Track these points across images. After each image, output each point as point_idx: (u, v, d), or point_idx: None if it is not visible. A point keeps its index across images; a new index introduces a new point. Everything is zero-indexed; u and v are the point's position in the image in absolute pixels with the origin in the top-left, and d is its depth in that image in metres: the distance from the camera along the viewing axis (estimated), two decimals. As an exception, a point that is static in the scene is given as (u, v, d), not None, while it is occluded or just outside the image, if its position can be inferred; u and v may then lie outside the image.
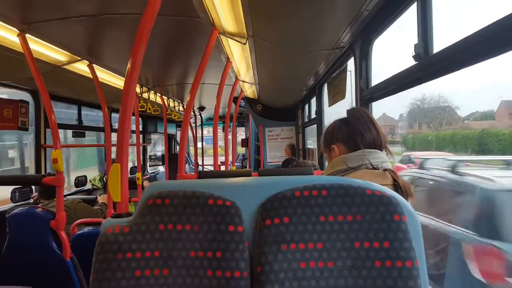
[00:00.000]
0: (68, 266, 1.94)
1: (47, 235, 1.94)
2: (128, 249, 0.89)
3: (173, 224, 0.90)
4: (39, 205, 2.42)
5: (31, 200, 2.95)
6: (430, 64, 1.18)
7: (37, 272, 1.95)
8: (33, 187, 3.03)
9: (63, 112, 4.06)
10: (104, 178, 4.13)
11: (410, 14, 1.33)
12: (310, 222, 0.88)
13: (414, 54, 1.24)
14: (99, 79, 2.69)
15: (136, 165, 4.07)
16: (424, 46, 1.21)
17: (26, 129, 3.08)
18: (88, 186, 4.27)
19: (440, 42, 1.17)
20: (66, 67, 2.56)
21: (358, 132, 1.20)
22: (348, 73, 2.34)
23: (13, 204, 2.91)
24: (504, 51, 0.85)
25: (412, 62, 1.28)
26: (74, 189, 4.05)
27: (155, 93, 4.00)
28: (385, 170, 1.14)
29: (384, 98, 1.75)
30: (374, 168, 1.14)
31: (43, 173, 3.22)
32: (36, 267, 1.95)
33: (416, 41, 1.25)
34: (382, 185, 0.93)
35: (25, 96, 3.11)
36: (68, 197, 3.32)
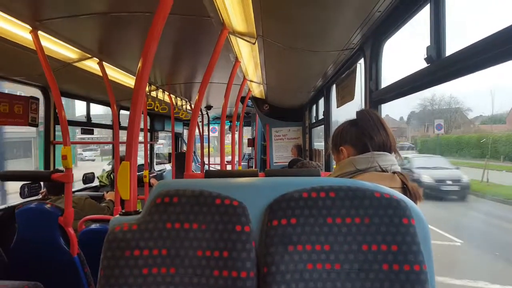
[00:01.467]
0: (75, 262, 1.96)
1: (55, 231, 1.97)
2: (136, 246, 0.89)
3: (181, 223, 0.90)
4: (47, 201, 2.45)
5: (40, 196, 2.98)
6: (442, 67, 1.16)
7: (45, 267, 1.98)
8: (41, 183, 3.06)
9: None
10: (112, 175, 4.16)
11: (423, 16, 1.31)
12: (317, 224, 0.87)
13: (426, 56, 1.23)
14: (109, 77, 2.72)
15: (143, 162, 4.10)
16: (437, 49, 1.19)
17: (36, 125, 3.11)
18: (96, 183, 4.30)
19: (452, 44, 1.15)
20: (76, 64, 2.58)
21: (367, 134, 1.18)
22: (357, 74, 2.32)
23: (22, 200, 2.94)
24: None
25: (424, 65, 1.26)
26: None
27: (163, 92, 4.02)
28: (394, 172, 1.13)
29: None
30: (383, 171, 1.13)
31: (51, 169, 3.26)
32: (43, 263, 1.98)
33: (428, 43, 1.23)
34: (391, 188, 0.92)
35: (36, 92, 3.15)
36: (75, 193, 3.35)
